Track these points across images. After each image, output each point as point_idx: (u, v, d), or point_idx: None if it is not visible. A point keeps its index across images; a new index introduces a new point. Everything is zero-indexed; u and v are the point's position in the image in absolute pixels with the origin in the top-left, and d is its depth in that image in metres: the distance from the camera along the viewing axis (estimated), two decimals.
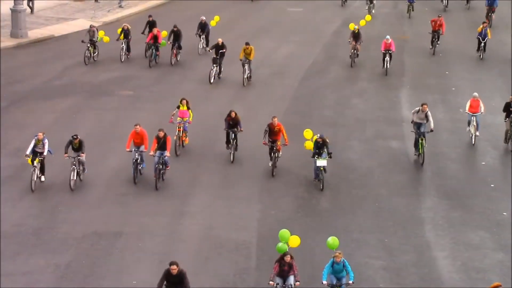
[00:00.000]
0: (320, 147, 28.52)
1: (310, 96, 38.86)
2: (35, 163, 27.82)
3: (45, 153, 28.01)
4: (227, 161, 30.58)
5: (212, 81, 39.62)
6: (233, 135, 30.65)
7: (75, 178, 28.09)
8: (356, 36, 43.03)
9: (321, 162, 28.27)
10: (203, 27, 45.05)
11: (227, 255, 24.40)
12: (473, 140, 32.86)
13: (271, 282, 21.20)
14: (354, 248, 24.87)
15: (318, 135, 28.94)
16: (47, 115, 35.41)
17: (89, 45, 42.21)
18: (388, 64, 41.83)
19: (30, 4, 53.49)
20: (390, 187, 29.21)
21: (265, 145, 29.50)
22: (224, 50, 39.82)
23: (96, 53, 42.75)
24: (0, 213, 26.13)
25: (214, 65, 39.79)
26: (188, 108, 31.62)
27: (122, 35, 42.85)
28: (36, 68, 41.06)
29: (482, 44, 45.00)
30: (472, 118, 32.92)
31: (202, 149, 31.92)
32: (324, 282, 21.14)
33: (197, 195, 28.20)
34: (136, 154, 28.53)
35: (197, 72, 41.56)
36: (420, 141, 30.70)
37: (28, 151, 27.89)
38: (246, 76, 39.56)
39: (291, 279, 21.28)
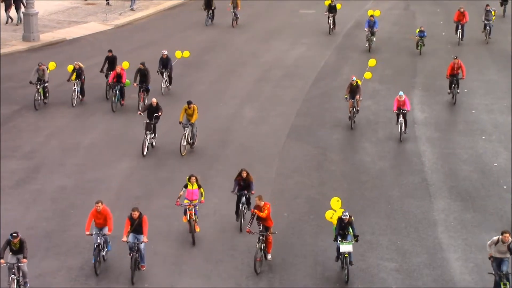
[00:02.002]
0: (344, 227, 23.73)
1: (322, 98, 38.81)
2: None
3: None
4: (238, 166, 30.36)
5: (145, 153, 31.23)
6: (245, 199, 26.32)
7: None
8: (353, 90, 34.55)
9: (346, 248, 23.19)
10: (165, 63, 38.09)
11: (239, 257, 24.40)
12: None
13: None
14: (366, 250, 24.86)
15: (345, 212, 23.80)
16: (60, 118, 35.48)
17: (38, 86, 36.17)
18: (404, 128, 33.31)
19: (10, 14, 50.79)
20: (402, 189, 29.16)
21: (249, 233, 24.16)
22: (159, 114, 31.72)
23: (47, 95, 36.83)
24: (1, 216, 26.25)
25: (147, 132, 31.27)
26: (199, 186, 25.78)
27: (74, 75, 36.64)
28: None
29: None
30: None
31: (212, 151, 31.94)
32: None
33: (208, 197, 28.19)
34: (99, 238, 23.50)
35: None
36: (502, 285, 22.10)
37: None
38: (186, 143, 31.49)
39: None
